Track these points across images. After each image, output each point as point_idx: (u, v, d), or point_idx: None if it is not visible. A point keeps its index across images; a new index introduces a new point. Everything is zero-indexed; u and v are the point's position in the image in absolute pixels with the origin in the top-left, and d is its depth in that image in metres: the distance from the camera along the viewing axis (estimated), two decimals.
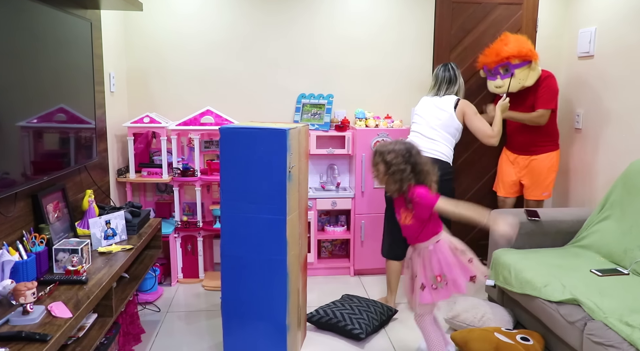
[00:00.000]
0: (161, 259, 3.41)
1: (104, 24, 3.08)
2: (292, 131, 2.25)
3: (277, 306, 2.30)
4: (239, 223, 2.31)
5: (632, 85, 3.00)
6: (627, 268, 2.50)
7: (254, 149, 2.24)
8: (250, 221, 2.28)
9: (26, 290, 1.62)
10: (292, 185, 2.30)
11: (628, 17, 3.04)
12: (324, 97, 3.69)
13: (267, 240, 2.27)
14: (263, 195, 2.25)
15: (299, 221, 2.45)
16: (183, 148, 3.53)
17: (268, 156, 2.22)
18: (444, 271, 2.21)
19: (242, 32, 3.60)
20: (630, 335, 1.91)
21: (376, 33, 3.71)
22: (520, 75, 3.23)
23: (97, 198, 2.83)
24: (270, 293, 2.31)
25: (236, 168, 2.28)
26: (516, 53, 3.17)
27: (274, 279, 2.29)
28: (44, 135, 2.26)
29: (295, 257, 2.40)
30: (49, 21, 2.23)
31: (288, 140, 2.19)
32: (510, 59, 3.20)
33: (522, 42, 3.24)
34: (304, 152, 2.55)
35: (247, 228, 2.29)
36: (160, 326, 2.84)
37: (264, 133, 2.22)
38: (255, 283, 2.32)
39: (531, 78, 3.24)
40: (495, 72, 3.33)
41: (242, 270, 2.33)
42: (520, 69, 3.22)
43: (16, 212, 2.07)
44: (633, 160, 2.82)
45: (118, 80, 3.37)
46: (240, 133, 2.26)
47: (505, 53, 3.20)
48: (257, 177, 2.25)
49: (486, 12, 3.61)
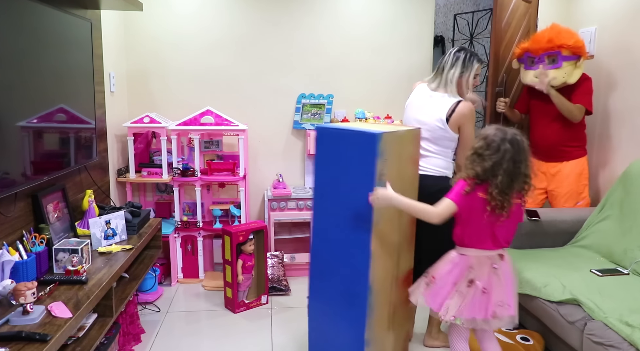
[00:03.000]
0: (161, 259, 3.41)
1: (104, 24, 3.08)
2: (389, 135, 2.05)
3: (357, 321, 2.13)
4: (327, 226, 2.21)
5: (632, 85, 3.00)
6: (627, 268, 2.50)
7: (345, 151, 2.11)
8: (337, 226, 2.16)
9: (26, 290, 1.62)
10: None
11: (628, 17, 3.04)
12: (324, 97, 3.69)
13: (352, 248, 2.12)
14: (350, 201, 2.11)
15: (398, 233, 2.23)
16: (183, 148, 3.52)
17: (356, 160, 2.07)
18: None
19: (243, 32, 3.60)
20: (630, 335, 1.91)
21: (376, 33, 3.71)
22: (567, 68, 2.99)
23: (97, 198, 2.83)
24: (351, 305, 2.14)
25: (326, 170, 2.19)
26: (573, 43, 2.93)
27: (356, 289, 2.11)
28: (44, 135, 2.26)
29: (387, 270, 2.19)
30: (49, 21, 2.23)
31: (381, 144, 2.00)
32: (562, 48, 2.95)
33: (576, 35, 3.01)
34: (411, 159, 2.31)
35: (335, 232, 2.17)
36: (160, 326, 2.84)
37: (355, 135, 2.08)
38: (338, 289, 2.19)
39: (575, 75, 3.01)
40: (539, 61, 3.05)
41: (326, 274, 2.24)
42: (569, 63, 2.98)
43: (16, 212, 2.07)
44: (633, 160, 2.82)
45: (118, 80, 3.37)
46: (330, 134, 2.18)
47: (560, 41, 2.94)
48: (345, 180, 2.12)
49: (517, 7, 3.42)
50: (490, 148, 1.88)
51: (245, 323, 2.90)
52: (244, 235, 3.01)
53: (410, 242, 2.37)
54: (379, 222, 2.07)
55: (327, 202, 2.21)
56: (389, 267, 2.20)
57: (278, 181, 3.60)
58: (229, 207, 3.44)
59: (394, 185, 2.05)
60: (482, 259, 1.97)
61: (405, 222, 2.27)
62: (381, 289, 2.15)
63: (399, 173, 2.17)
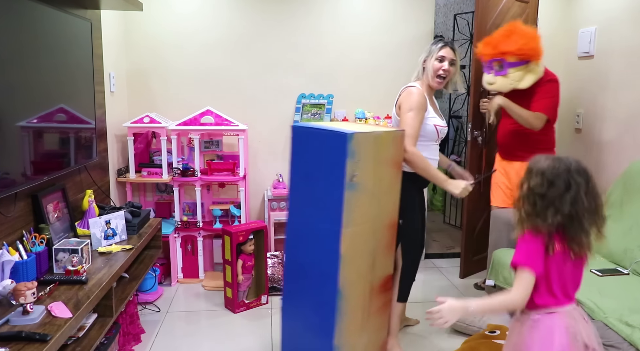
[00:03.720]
0: (161, 259, 3.41)
1: (104, 24, 3.08)
2: (362, 135, 1.97)
3: (326, 325, 2.06)
4: (298, 226, 2.16)
5: (632, 85, 3.00)
6: (627, 268, 2.50)
7: (317, 151, 2.06)
8: (309, 226, 2.10)
9: (26, 290, 1.62)
10: (359, 196, 2.02)
11: (628, 17, 3.04)
12: (324, 97, 3.69)
13: (321, 250, 2.06)
14: (320, 201, 2.05)
15: (373, 236, 2.15)
16: (183, 148, 3.53)
17: (327, 160, 2.01)
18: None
19: (242, 32, 3.61)
20: (630, 335, 1.91)
21: (376, 33, 3.71)
22: (514, 75, 2.83)
23: (97, 198, 2.83)
24: (320, 309, 2.08)
25: (299, 168, 2.14)
26: (515, 50, 2.76)
27: (325, 293, 2.05)
28: (44, 135, 2.26)
29: (360, 275, 2.12)
30: (49, 21, 2.23)
31: (352, 145, 1.93)
32: (506, 55, 2.79)
33: (528, 38, 2.80)
34: (391, 161, 2.20)
35: (307, 233, 2.12)
36: (160, 326, 2.84)
37: (326, 135, 2.02)
38: (309, 291, 2.13)
39: (527, 80, 2.84)
40: (489, 66, 2.94)
41: (298, 276, 2.18)
42: (516, 69, 2.82)
43: (16, 212, 2.07)
44: (633, 160, 2.82)
45: (118, 80, 3.37)
46: (303, 133, 2.13)
47: (504, 47, 2.79)
48: (316, 181, 2.06)
49: (508, 8, 3.39)
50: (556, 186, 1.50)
51: (245, 323, 2.90)
52: (244, 235, 3.01)
53: (388, 246, 2.28)
54: (349, 224, 2.00)
55: (299, 202, 2.15)
56: (362, 272, 2.13)
57: (278, 181, 3.60)
58: (229, 207, 3.44)
59: (371, 188, 2.02)
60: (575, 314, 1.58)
61: (382, 225, 2.19)
62: (352, 294, 2.08)
63: (375, 176, 2.09)
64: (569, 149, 3.63)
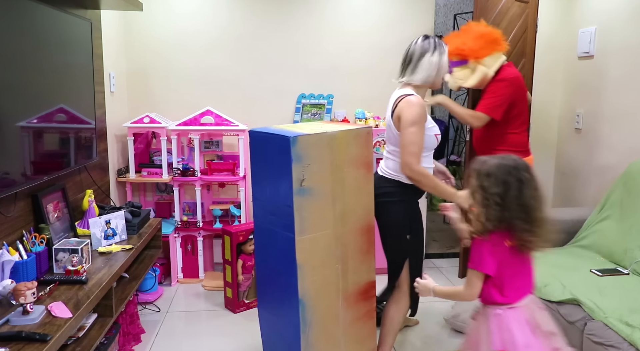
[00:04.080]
0: (161, 259, 3.41)
1: (104, 24, 3.08)
2: (309, 137, 1.87)
3: (292, 336, 1.99)
4: (263, 233, 2.10)
5: (632, 85, 3.00)
6: (627, 268, 2.50)
7: (269, 156, 1.98)
8: (270, 233, 2.03)
9: (26, 290, 1.62)
10: (314, 201, 1.93)
11: (628, 17, 3.04)
12: (324, 97, 3.69)
13: (282, 258, 1.98)
14: (274, 208, 1.98)
15: (337, 243, 2.03)
16: (183, 148, 3.53)
17: (277, 165, 1.93)
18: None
19: (242, 31, 3.61)
20: (630, 335, 1.91)
21: (376, 33, 3.71)
22: (458, 74, 2.87)
23: (97, 198, 2.83)
24: (286, 319, 2.02)
25: (258, 175, 2.08)
26: (452, 49, 2.72)
27: (287, 302, 1.99)
28: (44, 135, 2.26)
29: (327, 283, 2.02)
30: (49, 21, 2.23)
31: (296, 148, 1.84)
32: (450, 55, 2.66)
33: (470, 37, 2.81)
34: (355, 162, 2.06)
35: (270, 240, 2.05)
36: (160, 326, 2.84)
37: (273, 139, 1.94)
38: (277, 300, 2.08)
39: (472, 80, 2.83)
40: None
41: (267, 282, 2.15)
42: (459, 68, 2.86)
43: (16, 212, 2.07)
44: (633, 160, 2.82)
45: (118, 80, 3.37)
46: (257, 137, 2.06)
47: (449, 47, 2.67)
48: (270, 186, 2.00)
49: (507, 8, 3.38)
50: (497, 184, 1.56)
51: (245, 323, 2.90)
52: (244, 235, 3.01)
53: (363, 251, 2.15)
54: (303, 232, 1.90)
55: (262, 209, 2.08)
56: (329, 280, 2.02)
57: None
58: (229, 207, 3.44)
59: (329, 191, 1.93)
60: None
61: (349, 229, 2.07)
62: (319, 304, 1.98)
63: (335, 178, 1.98)
64: (569, 149, 3.63)
